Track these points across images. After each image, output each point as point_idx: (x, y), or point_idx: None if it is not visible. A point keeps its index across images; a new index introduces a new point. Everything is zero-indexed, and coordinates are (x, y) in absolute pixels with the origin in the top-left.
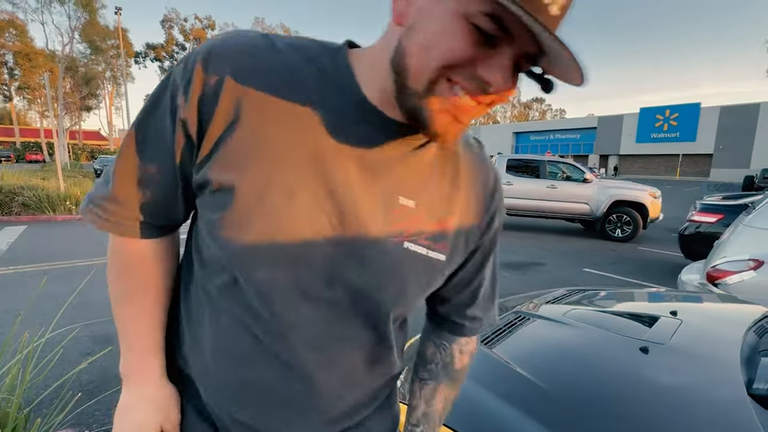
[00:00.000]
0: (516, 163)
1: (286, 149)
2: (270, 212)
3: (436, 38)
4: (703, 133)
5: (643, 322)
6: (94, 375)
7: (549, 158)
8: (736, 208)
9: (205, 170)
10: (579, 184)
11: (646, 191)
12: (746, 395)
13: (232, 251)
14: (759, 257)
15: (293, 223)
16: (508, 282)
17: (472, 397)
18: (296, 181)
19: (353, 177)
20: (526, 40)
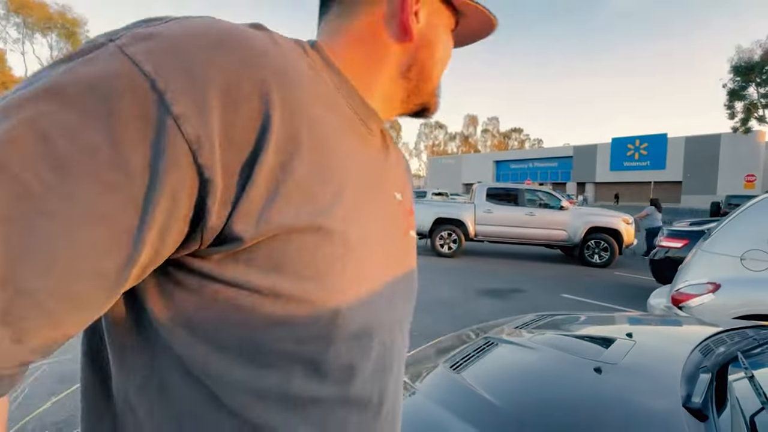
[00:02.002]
0: (496, 191)
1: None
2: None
3: (446, 51)
4: (672, 161)
5: (600, 344)
6: (58, 416)
7: (527, 186)
8: (700, 234)
9: None
10: (556, 211)
11: (620, 217)
12: (681, 408)
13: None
14: (716, 280)
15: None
16: (489, 308)
17: (435, 419)
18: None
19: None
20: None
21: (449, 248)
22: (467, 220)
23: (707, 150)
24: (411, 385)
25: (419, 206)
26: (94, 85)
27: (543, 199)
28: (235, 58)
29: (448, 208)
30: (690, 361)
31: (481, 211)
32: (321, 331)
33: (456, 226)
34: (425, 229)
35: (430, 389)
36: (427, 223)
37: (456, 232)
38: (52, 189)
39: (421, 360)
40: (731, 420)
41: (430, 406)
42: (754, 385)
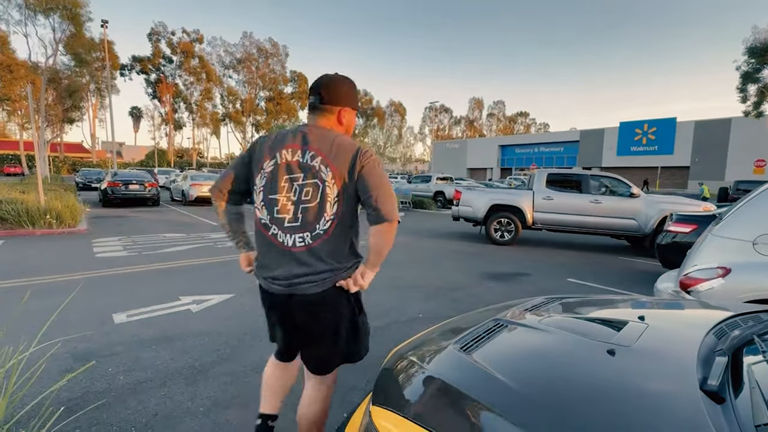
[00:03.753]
0: (557, 177)
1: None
2: None
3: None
4: (680, 146)
5: (612, 327)
6: (74, 392)
7: (592, 173)
8: (709, 219)
9: None
10: (625, 199)
11: (700, 206)
12: (699, 391)
13: None
14: (726, 265)
15: None
16: (494, 292)
17: (450, 399)
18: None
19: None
20: None
21: (503, 236)
22: (525, 207)
23: (717, 135)
24: (421, 366)
25: (473, 193)
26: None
27: (610, 186)
28: None
29: (504, 195)
30: (705, 345)
31: (540, 198)
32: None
33: (513, 214)
34: (479, 216)
35: (441, 370)
36: (480, 209)
37: (513, 220)
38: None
39: (429, 342)
40: (751, 402)
41: (442, 385)
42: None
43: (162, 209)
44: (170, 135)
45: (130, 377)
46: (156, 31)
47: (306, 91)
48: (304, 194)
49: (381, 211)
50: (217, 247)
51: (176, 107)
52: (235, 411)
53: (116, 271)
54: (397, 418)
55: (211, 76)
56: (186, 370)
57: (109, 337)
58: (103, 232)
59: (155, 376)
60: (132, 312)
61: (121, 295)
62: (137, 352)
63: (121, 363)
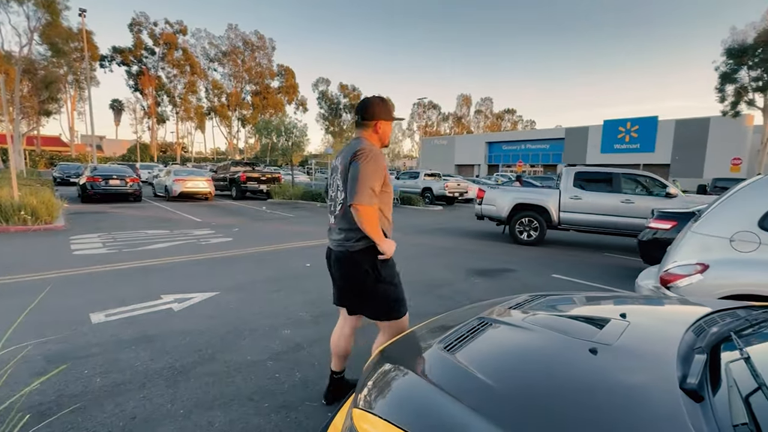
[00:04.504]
0: (587, 175)
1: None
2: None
3: (389, 130)
4: (661, 144)
5: (595, 325)
6: (47, 396)
7: (624, 170)
8: (688, 216)
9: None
10: (660, 199)
11: None
12: (678, 389)
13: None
14: (704, 261)
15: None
16: (480, 288)
17: (427, 399)
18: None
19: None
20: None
21: (529, 236)
22: (550, 206)
23: (696, 133)
24: (404, 367)
25: (496, 191)
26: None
27: (644, 185)
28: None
29: (528, 194)
30: (684, 342)
31: (567, 197)
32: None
33: (537, 213)
34: (502, 215)
35: (424, 371)
36: (504, 208)
37: (537, 220)
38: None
39: (413, 341)
40: (728, 401)
41: (425, 388)
42: (749, 366)
43: (144, 205)
44: (153, 129)
45: (107, 379)
46: (137, 22)
47: (293, 85)
48: (335, 186)
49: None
50: (201, 244)
51: (159, 100)
52: (217, 412)
53: (95, 268)
54: (379, 421)
55: (196, 69)
56: (166, 370)
57: (86, 337)
58: (82, 228)
59: (134, 377)
60: (111, 311)
61: (99, 294)
62: (115, 352)
63: (98, 364)
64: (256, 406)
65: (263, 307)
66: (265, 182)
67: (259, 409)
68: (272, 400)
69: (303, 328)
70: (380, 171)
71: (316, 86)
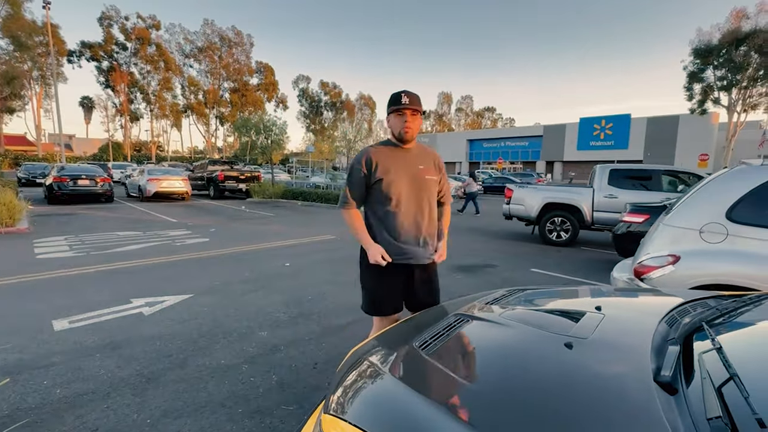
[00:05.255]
0: (623, 173)
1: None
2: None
3: (394, 122)
4: (634, 141)
5: (571, 318)
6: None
7: (665, 167)
8: (660, 209)
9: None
10: None
11: None
12: (653, 382)
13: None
14: (676, 253)
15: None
16: (462, 283)
17: (405, 405)
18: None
19: (410, 165)
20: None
21: (559, 236)
22: (583, 206)
23: (666, 131)
24: (378, 368)
25: (525, 190)
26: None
27: (688, 182)
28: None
29: (559, 193)
30: (658, 333)
31: (601, 196)
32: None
33: (570, 213)
34: (532, 214)
35: (399, 372)
36: (534, 208)
37: (569, 220)
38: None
39: (388, 341)
40: (703, 393)
41: (398, 389)
42: (721, 356)
43: (116, 206)
44: (126, 127)
45: (68, 390)
46: (107, 16)
47: (273, 82)
48: None
49: None
50: (176, 245)
51: (132, 97)
52: (187, 420)
53: (60, 273)
54: (350, 428)
55: (170, 65)
56: (134, 378)
57: (47, 346)
58: (47, 231)
59: (98, 387)
60: (75, 317)
61: (63, 300)
62: (78, 361)
63: (59, 374)
64: (228, 413)
65: (239, 308)
66: (245, 181)
67: (232, 415)
68: (246, 405)
69: (280, 329)
70: (351, 176)
71: (296, 84)
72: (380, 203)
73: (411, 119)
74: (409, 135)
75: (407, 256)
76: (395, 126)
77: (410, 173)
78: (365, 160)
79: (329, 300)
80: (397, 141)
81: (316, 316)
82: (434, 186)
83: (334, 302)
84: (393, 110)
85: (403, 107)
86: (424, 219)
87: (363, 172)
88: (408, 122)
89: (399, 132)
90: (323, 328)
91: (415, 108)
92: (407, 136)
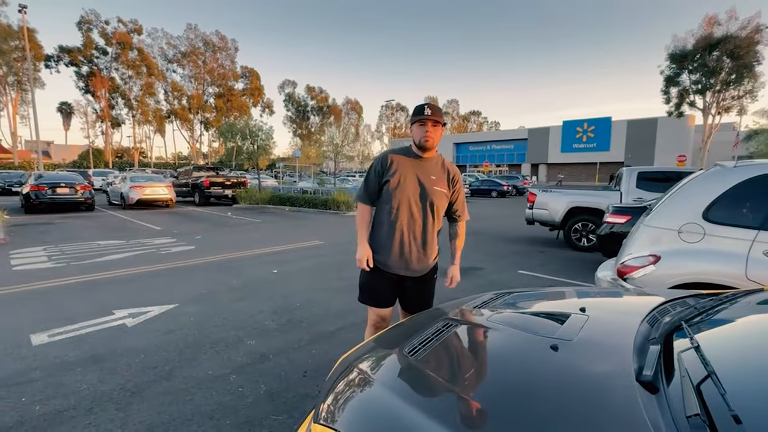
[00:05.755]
0: (651, 175)
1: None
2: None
3: (416, 132)
4: (615, 143)
5: (556, 320)
6: None
7: (690, 170)
8: (641, 210)
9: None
10: None
11: None
12: (635, 382)
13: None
14: (656, 253)
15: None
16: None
17: (393, 411)
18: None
19: (421, 173)
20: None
21: (589, 240)
22: None
23: (646, 133)
24: (367, 375)
25: (549, 194)
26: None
27: None
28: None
29: (585, 196)
30: (640, 333)
31: (629, 199)
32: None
33: (596, 217)
34: (556, 219)
35: (388, 379)
36: (558, 212)
37: (596, 224)
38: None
39: (377, 347)
40: (682, 392)
41: (388, 397)
42: (699, 354)
43: (97, 214)
44: (107, 133)
45: (48, 406)
46: (87, 20)
47: (258, 87)
48: None
49: None
50: (160, 253)
51: (113, 103)
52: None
53: (38, 285)
54: None
55: (153, 70)
56: (117, 392)
57: (25, 361)
58: (25, 241)
59: (79, 402)
60: (55, 331)
61: (42, 313)
62: (59, 376)
63: (38, 390)
64: (216, 425)
65: (226, 317)
66: (230, 187)
67: (221, 427)
68: (235, 416)
69: (269, 337)
70: (369, 172)
71: (282, 88)
72: (384, 203)
73: (432, 129)
74: (429, 143)
75: (390, 268)
76: (417, 135)
77: (420, 181)
78: (383, 159)
79: (318, 307)
80: (417, 149)
81: (305, 323)
82: (442, 198)
83: (323, 309)
84: (416, 120)
85: (426, 118)
86: (424, 228)
87: (378, 169)
88: (429, 132)
89: (420, 140)
90: (312, 335)
91: (436, 119)
92: (428, 144)
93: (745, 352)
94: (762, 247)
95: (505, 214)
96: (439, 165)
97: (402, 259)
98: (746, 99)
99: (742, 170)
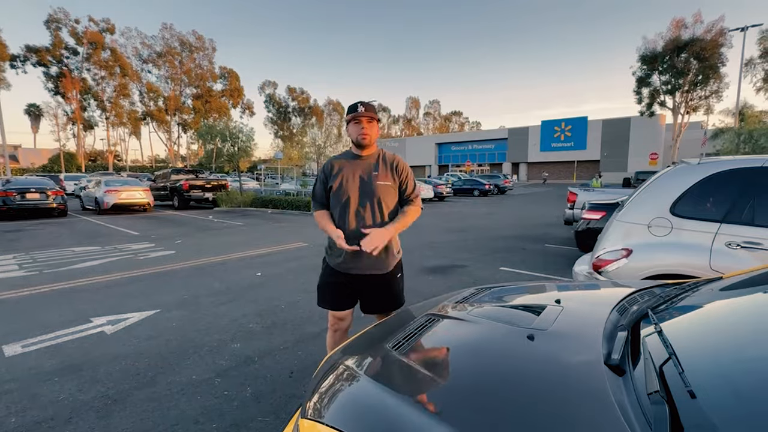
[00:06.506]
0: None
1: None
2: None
3: (352, 130)
4: (592, 142)
5: (533, 312)
6: None
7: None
8: (614, 206)
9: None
10: None
11: None
12: (603, 366)
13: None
14: (628, 246)
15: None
16: (434, 285)
17: (380, 404)
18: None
19: (363, 171)
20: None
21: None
22: None
23: (620, 132)
24: (352, 371)
25: (590, 194)
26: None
27: None
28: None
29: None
30: (609, 321)
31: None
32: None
33: None
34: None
35: (374, 373)
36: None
37: None
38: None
39: (362, 344)
40: (644, 372)
41: (374, 390)
42: (661, 338)
43: (70, 220)
44: (79, 136)
45: (24, 418)
46: (55, 18)
47: (238, 87)
48: None
49: None
50: (139, 259)
51: (85, 105)
52: None
53: (9, 294)
54: (329, 430)
55: (127, 71)
56: (98, 401)
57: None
58: None
59: (58, 413)
60: (28, 341)
61: (14, 323)
62: (35, 387)
63: (13, 402)
64: (202, 429)
65: (210, 321)
66: (211, 190)
67: (206, 431)
68: (220, 420)
69: (254, 340)
70: (316, 181)
71: (262, 89)
72: (333, 207)
73: (368, 126)
74: (366, 140)
75: (345, 269)
76: (354, 133)
77: (362, 179)
78: (326, 166)
79: (303, 308)
80: (356, 148)
81: (290, 325)
82: (389, 192)
83: (307, 310)
84: (350, 119)
85: (360, 115)
86: (373, 225)
87: (322, 177)
88: (365, 128)
89: (357, 138)
90: (297, 336)
91: (371, 116)
92: (365, 141)
93: (704, 336)
94: (724, 238)
95: (487, 213)
96: (380, 160)
97: (355, 260)
98: (712, 99)
99: (705, 167)
